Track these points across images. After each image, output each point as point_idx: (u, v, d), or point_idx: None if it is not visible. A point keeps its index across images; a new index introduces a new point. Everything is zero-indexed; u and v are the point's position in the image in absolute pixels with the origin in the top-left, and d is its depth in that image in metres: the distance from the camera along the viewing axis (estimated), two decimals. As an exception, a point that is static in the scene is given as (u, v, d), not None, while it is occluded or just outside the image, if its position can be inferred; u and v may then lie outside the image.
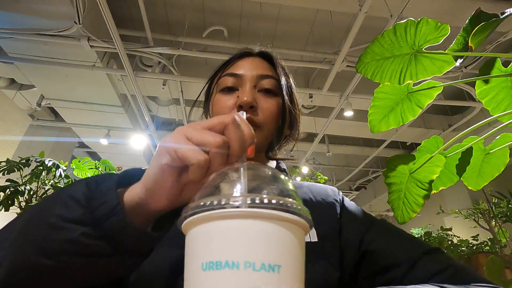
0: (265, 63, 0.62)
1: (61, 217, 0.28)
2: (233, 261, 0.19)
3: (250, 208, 0.20)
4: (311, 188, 0.59)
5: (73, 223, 0.28)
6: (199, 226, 0.21)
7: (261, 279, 0.19)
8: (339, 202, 0.55)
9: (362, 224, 0.51)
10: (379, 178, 7.24)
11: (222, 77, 0.60)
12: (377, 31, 3.10)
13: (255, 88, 0.57)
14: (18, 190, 2.08)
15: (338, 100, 3.88)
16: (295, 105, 0.63)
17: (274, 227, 0.20)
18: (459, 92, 4.02)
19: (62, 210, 0.29)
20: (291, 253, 0.20)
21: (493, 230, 3.44)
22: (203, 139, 0.28)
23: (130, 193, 0.31)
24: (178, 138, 0.28)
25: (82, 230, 0.28)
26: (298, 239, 0.21)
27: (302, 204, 0.24)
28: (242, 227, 0.20)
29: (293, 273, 0.20)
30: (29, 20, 2.92)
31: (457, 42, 0.43)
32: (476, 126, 0.46)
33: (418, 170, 0.49)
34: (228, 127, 0.29)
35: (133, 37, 3.56)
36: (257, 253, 0.19)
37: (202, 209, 0.21)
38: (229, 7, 3.47)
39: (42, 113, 5.09)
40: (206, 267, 0.20)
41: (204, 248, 0.20)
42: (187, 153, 0.27)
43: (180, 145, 0.28)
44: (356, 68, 0.50)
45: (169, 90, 4.06)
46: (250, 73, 0.58)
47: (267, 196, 0.21)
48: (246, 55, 0.64)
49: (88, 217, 0.28)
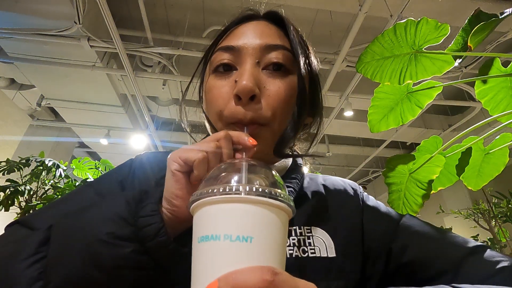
0: (274, 28, 0.47)
1: (113, 235, 0.31)
2: (216, 234, 0.24)
3: (231, 195, 0.26)
4: (327, 184, 0.51)
5: (124, 241, 0.31)
6: (199, 211, 0.27)
7: (236, 247, 0.24)
8: (360, 204, 0.48)
9: (388, 227, 0.45)
10: (379, 178, 7.24)
11: (215, 52, 0.46)
12: (377, 31, 3.09)
13: (258, 65, 0.42)
14: (18, 190, 2.08)
15: (338, 100, 3.88)
16: (317, 84, 0.50)
17: (248, 206, 0.25)
18: (459, 92, 4.02)
19: (112, 228, 0.31)
20: (263, 227, 0.25)
21: (493, 230, 3.44)
22: (198, 146, 0.34)
23: (162, 209, 0.35)
24: (179, 150, 0.35)
25: (133, 247, 0.31)
26: (271, 216, 0.26)
27: (288, 196, 0.28)
28: (225, 209, 0.26)
29: (266, 243, 0.25)
30: (29, 20, 2.92)
31: (456, 42, 0.43)
32: (476, 126, 0.46)
33: (418, 170, 0.49)
34: (220, 140, 0.34)
35: (133, 37, 3.55)
36: (234, 227, 0.25)
37: (198, 197, 0.27)
38: (229, 7, 3.46)
39: (42, 113, 5.08)
40: (200, 240, 0.26)
41: (199, 227, 0.27)
42: (189, 154, 0.33)
43: (182, 152, 0.34)
44: (356, 68, 0.50)
45: (169, 90, 4.06)
46: (252, 43, 0.43)
47: (246, 184, 0.27)
48: (247, 19, 0.49)
49: (135, 235, 0.31)
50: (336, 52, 3.35)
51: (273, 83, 0.42)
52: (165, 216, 0.34)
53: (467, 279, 0.36)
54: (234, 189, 0.26)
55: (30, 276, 0.30)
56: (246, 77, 0.40)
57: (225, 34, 0.48)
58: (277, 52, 0.43)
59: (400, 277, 0.41)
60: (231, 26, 0.49)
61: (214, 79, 0.45)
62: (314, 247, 0.41)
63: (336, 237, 0.42)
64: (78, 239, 0.32)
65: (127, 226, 0.32)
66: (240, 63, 0.43)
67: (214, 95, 0.43)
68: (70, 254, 0.31)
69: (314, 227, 0.43)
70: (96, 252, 0.30)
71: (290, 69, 0.44)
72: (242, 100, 0.40)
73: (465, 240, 0.41)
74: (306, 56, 0.47)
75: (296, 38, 0.46)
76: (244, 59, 0.43)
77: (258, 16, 0.50)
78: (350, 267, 0.41)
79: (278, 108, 0.41)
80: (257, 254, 0.24)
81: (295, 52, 0.44)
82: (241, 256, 0.24)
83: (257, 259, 0.24)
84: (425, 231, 0.44)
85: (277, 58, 0.43)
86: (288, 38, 0.46)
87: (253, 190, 0.26)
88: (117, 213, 0.32)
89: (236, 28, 0.47)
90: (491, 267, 0.36)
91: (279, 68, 0.43)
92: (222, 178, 0.30)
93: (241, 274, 0.22)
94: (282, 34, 0.47)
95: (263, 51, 0.43)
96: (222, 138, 0.34)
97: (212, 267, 0.24)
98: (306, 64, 0.46)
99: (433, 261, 0.40)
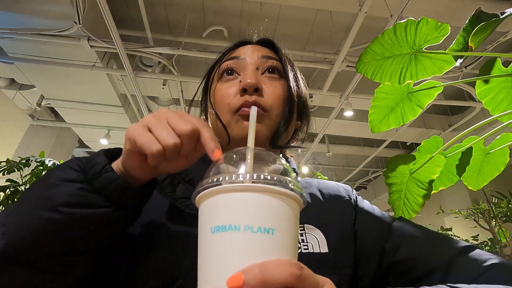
0: (266, 49, 0.56)
1: (60, 178, 0.33)
2: (235, 224, 0.23)
3: (251, 184, 0.25)
4: (321, 187, 0.53)
5: (70, 182, 0.32)
6: (210, 199, 0.26)
7: (258, 239, 0.23)
8: (353, 204, 0.50)
9: (380, 229, 0.46)
10: (379, 178, 7.23)
11: (221, 64, 0.54)
12: (377, 31, 3.10)
13: (258, 71, 0.51)
14: (18, 190, 2.08)
15: (338, 100, 3.88)
16: (303, 91, 0.57)
17: (271, 198, 0.25)
18: (459, 92, 4.02)
19: (60, 174, 0.33)
20: (284, 219, 0.25)
21: (493, 230, 3.44)
22: (159, 133, 0.31)
23: (114, 166, 0.35)
24: (140, 127, 0.32)
25: (78, 185, 0.32)
26: (291, 209, 0.26)
27: (300, 186, 0.28)
28: (244, 198, 0.25)
29: (285, 235, 0.24)
30: (29, 20, 2.92)
31: (457, 42, 0.43)
32: (476, 126, 0.46)
33: (418, 170, 0.49)
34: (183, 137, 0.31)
35: (133, 37, 3.55)
36: (255, 218, 0.24)
37: (211, 184, 0.26)
38: (229, 7, 3.46)
39: (42, 113, 5.08)
40: (214, 231, 0.24)
41: (212, 216, 0.25)
42: (144, 143, 0.30)
43: (139, 134, 0.31)
44: (356, 67, 0.50)
45: (169, 90, 4.06)
46: (252, 55, 0.52)
47: (266, 174, 0.26)
48: (244, 43, 0.57)
49: (82, 177, 0.33)
50: (336, 52, 3.35)
51: (270, 83, 0.51)
52: (118, 170, 0.35)
53: (458, 276, 0.37)
54: (252, 178, 0.25)
55: None
56: (250, 76, 0.48)
57: (226, 54, 0.56)
58: (272, 61, 0.53)
59: (392, 276, 0.42)
60: (230, 49, 0.57)
61: (221, 84, 0.52)
62: (307, 243, 0.42)
63: (328, 234, 0.44)
64: (33, 191, 0.34)
65: (74, 171, 0.33)
66: (243, 70, 0.52)
67: (222, 94, 0.50)
68: (24, 204, 0.34)
69: (307, 224, 0.44)
70: (45, 195, 0.32)
71: (282, 75, 0.53)
72: (248, 92, 0.47)
73: (455, 241, 0.43)
74: (294, 70, 0.56)
75: (285, 56, 0.56)
76: (246, 67, 0.51)
77: (253, 42, 0.59)
78: (343, 263, 0.42)
79: (276, 100, 0.49)
80: (279, 246, 0.24)
81: (284, 64, 0.54)
82: (263, 248, 0.23)
83: (279, 252, 0.23)
84: (417, 232, 0.45)
85: (272, 64, 0.53)
86: (278, 55, 0.55)
87: (272, 179, 0.25)
88: (66, 164, 0.35)
89: (236, 49, 0.56)
90: (481, 265, 0.37)
91: (273, 72, 0.52)
92: (235, 166, 0.28)
93: (268, 267, 0.21)
94: (273, 52, 0.56)
95: (261, 60, 0.52)
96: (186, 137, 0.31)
97: (231, 258, 0.23)
98: (294, 76, 0.55)
99: (424, 259, 0.40)
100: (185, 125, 0.31)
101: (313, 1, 2.93)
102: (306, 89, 0.59)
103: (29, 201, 0.34)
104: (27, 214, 0.32)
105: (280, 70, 0.53)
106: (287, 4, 3.04)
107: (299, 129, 0.59)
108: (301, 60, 3.53)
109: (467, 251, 0.40)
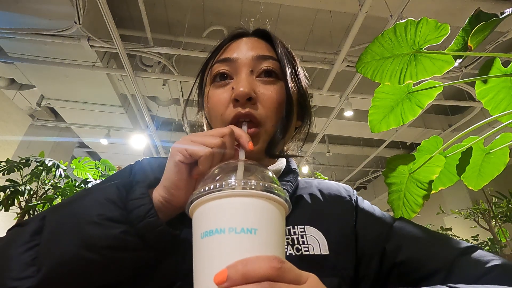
0: (263, 43, 0.52)
1: (103, 217, 0.33)
2: (221, 228, 0.25)
3: (233, 190, 0.27)
4: (321, 187, 0.52)
5: (114, 222, 0.33)
6: (199, 208, 0.28)
7: (241, 239, 0.25)
8: (354, 205, 0.49)
9: (381, 229, 0.46)
10: (379, 178, 7.23)
11: (213, 65, 0.51)
12: (377, 31, 3.09)
13: (252, 74, 0.48)
14: (18, 190, 2.08)
15: (338, 100, 3.88)
16: (304, 90, 0.54)
17: (252, 200, 0.27)
18: (459, 92, 4.02)
19: (103, 211, 0.33)
20: (266, 219, 0.27)
21: (493, 230, 3.44)
22: (204, 141, 0.35)
23: (155, 195, 0.36)
24: (185, 141, 0.35)
25: (122, 229, 0.32)
26: (272, 209, 0.28)
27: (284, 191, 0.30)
28: (227, 203, 0.27)
29: (268, 234, 0.26)
30: (29, 20, 2.92)
31: (457, 42, 0.43)
32: (476, 126, 0.46)
33: (418, 170, 0.49)
34: (225, 137, 0.36)
35: (133, 37, 3.55)
36: (238, 220, 0.26)
37: (198, 195, 0.28)
38: (229, 7, 3.46)
39: (42, 113, 5.08)
40: (203, 236, 0.26)
41: (201, 223, 0.27)
42: (195, 149, 0.34)
43: (188, 145, 0.35)
44: (356, 68, 0.50)
45: (169, 90, 4.06)
46: (245, 55, 0.49)
47: (247, 180, 0.28)
48: (239, 36, 0.54)
49: (125, 217, 0.33)
50: (336, 52, 3.35)
51: (266, 88, 0.47)
52: (159, 203, 0.36)
53: (459, 278, 0.36)
54: (234, 185, 0.28)
55: (23, 262, 0.32)
56: (242, 83, 0.45)
57: (220, 50, 0.53)
58: (268, 62, 0.49)
59: (393, 277, 0.41)
60: (224, 43, 0.54)
61: (213, 89, 0.50)
62: (308, 245, 0.42)
63: (329, 236, 0.43)
64: (69, 223, 0.34)
65: (117, 209, 0.33)
66: (236, 72, 0.49)
67: (214, 102, 0.49)
68: (62, 237, 0.33)
69: (307, 226, 0.44)
70: (87, 233, 0.32)
71: (279, 76, 0.49)
72: (240, 101, 0.45)
73: (457, 241, 0.42)
74: (292, 66, 0.52)
75: (283, 51, 0.52)
76: (240, 69, 0.48)
77: (248, 33, 0.55)
78: (343, 265, 0.41)
79: (271, 109, 0.47)
80: (262, 244, 0.25)
81: (281, 63, 0.50)
82: (247, 247, 0.25)
83: (262, 249, 0.25)
84: (418, 233, 0.44)
85: (268, 66, 0.49)
86: (275, 51, 0.52)
87: (253, 184, 0.28)
88: (108, 197, 0.34)
89: (230, 44, 0.53)
90: (483, 266, 0.37)
91: (270, 74, 0.49)
92: (221, 177, 0.31)
93: (250, 262, 0.23)
94: (270, 48, 0.52)
95: (256, 61, 0.49)
96: (227, 135, 0.36)
97: (218, 258, 0.24)
98: (292, 73, 0.51)
99: (426, 261, 0.40)
100: (222, 129, 0.37)
101: (313, 1, 2.93)
102: (308, 82, 0.57)
103: (68, 236, 0.33)
104: (65, 252, 0.32)
105: (277, 71, 0.49)
106: (287, 4, 3.04)
107: (300, 128, 0.57)
108: (301, 60, 3.50)
109: (469, 252, 0.39)
